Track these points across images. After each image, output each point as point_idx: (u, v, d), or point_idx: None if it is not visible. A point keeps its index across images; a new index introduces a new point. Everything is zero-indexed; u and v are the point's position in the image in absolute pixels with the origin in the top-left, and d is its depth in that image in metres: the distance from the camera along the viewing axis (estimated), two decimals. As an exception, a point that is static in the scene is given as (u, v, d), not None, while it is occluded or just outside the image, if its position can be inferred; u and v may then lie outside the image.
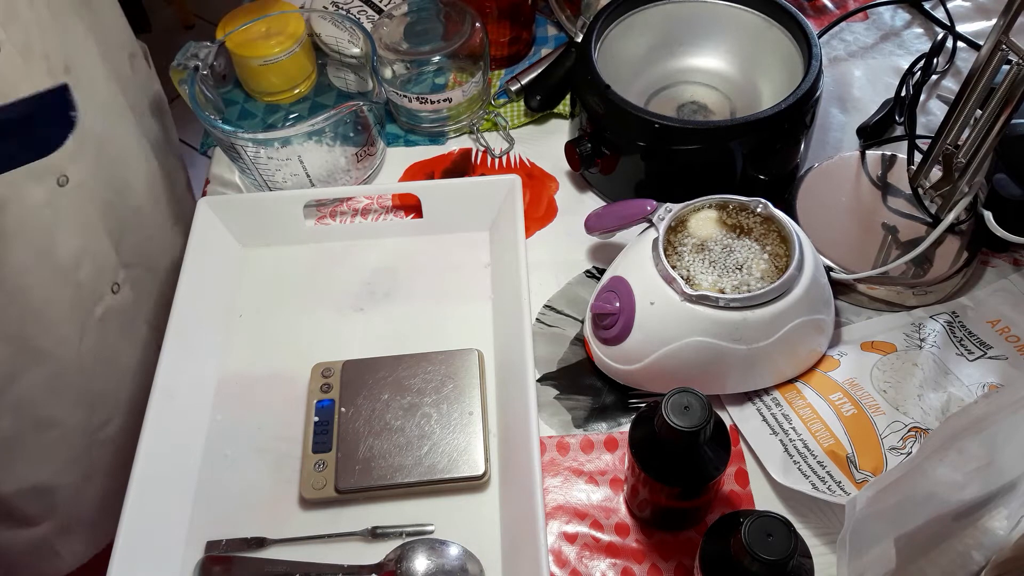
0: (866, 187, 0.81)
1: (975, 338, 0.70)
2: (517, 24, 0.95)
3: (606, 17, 0.83)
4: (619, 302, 0.67)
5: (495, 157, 0.90)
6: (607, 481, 0.67)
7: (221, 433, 0.71)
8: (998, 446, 0.53)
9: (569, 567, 0.63)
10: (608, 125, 0.78)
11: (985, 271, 0.77)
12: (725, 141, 0.75)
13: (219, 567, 0.63)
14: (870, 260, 0.75)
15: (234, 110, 0.92)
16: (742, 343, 0.64)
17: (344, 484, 0.66)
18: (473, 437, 0.67)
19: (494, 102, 0.94)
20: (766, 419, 0.67)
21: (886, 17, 1.02)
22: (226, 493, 0.68)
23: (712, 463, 0.57)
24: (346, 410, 0.70)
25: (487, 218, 0.82)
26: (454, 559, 0.63)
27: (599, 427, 0.70)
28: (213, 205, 0.81)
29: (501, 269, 0.79)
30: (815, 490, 0.62)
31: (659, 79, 0.89)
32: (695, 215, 0.68)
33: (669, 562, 0.63)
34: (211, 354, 0.75)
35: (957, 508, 0.54)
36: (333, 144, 0.83)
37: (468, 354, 0.72)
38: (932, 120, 0.90)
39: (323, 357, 0.73)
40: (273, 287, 0.80)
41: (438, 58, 0.87)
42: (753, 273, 0.65)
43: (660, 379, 0.68)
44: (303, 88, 0.93)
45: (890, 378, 0.67)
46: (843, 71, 0.96)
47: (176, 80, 0.81)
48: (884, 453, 0.62)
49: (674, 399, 0.54)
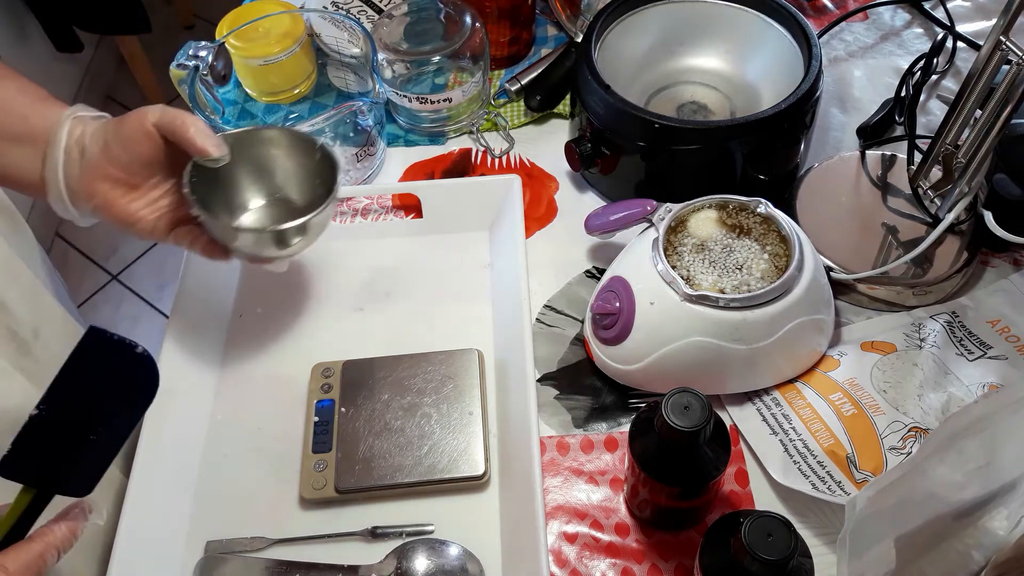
0: (866, 187, 0.81)
1: (975, 338, 0.70)
2: (517, 24, 0.95)
3: (606, 17, 0.83)
4: (619, 302, 0.67)
5: (495, 157, 0.90)
6: (607, 481, 0.67)
7: (221, 433, 0.71)
8: (998, 446, 0.53)
9: (569, 567, 0.63)
10: (608, 125, 0.78)
11: (985, 271, 0.77)
12: (725, 141, 0.75)
13: (219, 567, 0.63)
14: (870, 260, 0.75)
15: (234, 110, 0.92)
16: (742, 343, 0.64)
17: (344, 484, 0.66)
18: (473, 437, 0.67)
19: (494, 102, 0.94)
20: (766, 419, 0.67)
21: (886, 17, 1.02)
22: (226, 493, 0.68)
23: (712, 463, 0.57)
24: (346, 410, 0.70)
25: (487, 218, 0.82)
26: (454, 559, 0.63)
27: (599, 427, 0.70)
28: (213, 205, 0.81)
29: (501, 269, 0.79)
30: (815, 490, 0.61)
31: (659, 79, 0.89)
32: (695, 215, 0.68)
33: (669, 562, 0.63)
34: (211, 354, 0.75)
35: (957, 508, 0.54)
36: (333, 144, 0.83)
37: (468, 354, 0.72)
38: (932, 120, 0.90)
39: (323, 357, 0.73)
40: (273, 287, 0.80)
41: (438, 58, 0.87)
42: (753, 273, 0.65)
43: (660, 379, 0.68)
44: (303, 88, 0.93)
45: (890, 378, 0.67)
46: (843, 71, 0.96)
47: (176, 80, 0.81)
48: (884, 453, 0.62)
49: (674, 399, 0.54)
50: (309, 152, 0.69)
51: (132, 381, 0.47)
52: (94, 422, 0.45)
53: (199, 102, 0.79)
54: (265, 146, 0.70)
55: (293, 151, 0.70)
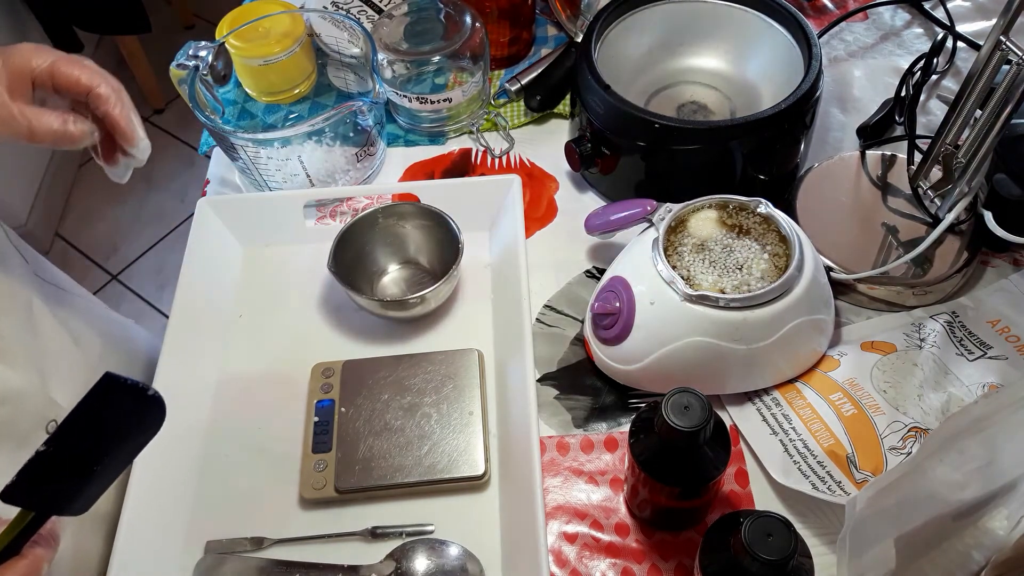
0: (866, 187, 0.81)
1: (975, 338, 0.70)
2: (517, 24, 0.95)
3: (606, 17, 0.83)
4: (619, 302, 0.67)
5: (495, 157, 0.90)
6: (607, 481, 0.67)
7: (221, 433, 0.71)
8: (998, 446, 0.53)
9: (569, 567, 0.63)
10: (608, 125, 0.78)
11: (985, 271, 0.77)
12: (725, 141, 0.75)
13: (219, 567, 0.63)
14: (870, 260, 0.75)
15: (234, 110, 0.92)
16: (742, 343, 0.64)
17: (344, 484, 0.66)
18: (473, 437, 0.67)
19: (494, 102, 0.94)
20: (766, 419, 0.67)
21: (886, 17, 1.02)
22: (226, 493, 0.68)
23: (712, 463, 0.57)
24: (346, 410, 0.70)
25: (487, 218, 0.82)
26: (454, 559, 0.63)
27: (599, 427, 0.70)
28: (213, 205, 0.81)
29: (501, 269, 0.79)
30: (815, 490, 0.61)
31: (659, 79, 0.89)
32: (695, 215, 0.68)
33: (669, 562, 0.63)
34: (211, 354, 0.75)
35: (957, 508, 0.54)
36: (333, 144, 0.83)
37: (468, 354, 0.72)
38: (932, 120, 0.90)
39: (323, 357, 0.73)
40: (273, 287, 0.80)
41: (438, 58, 0.87)
42: (753, 273, 0.65)
43: (660, 379, 0.68)
44: (303, 88, 0.93)
45: (890, 378, 0.67)
46: (843, 71, 0.96)
47: (176, 80, 0.81)
48: (884, 453, 0.62)
49: (674, 399, 0.54)
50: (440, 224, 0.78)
51: (140, 418, 0.48)
52: (99, 456, 0.46)
53: (199, 102, 0.79)
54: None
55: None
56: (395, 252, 0.81)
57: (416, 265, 0.81)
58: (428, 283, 0.77)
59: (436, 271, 0.79)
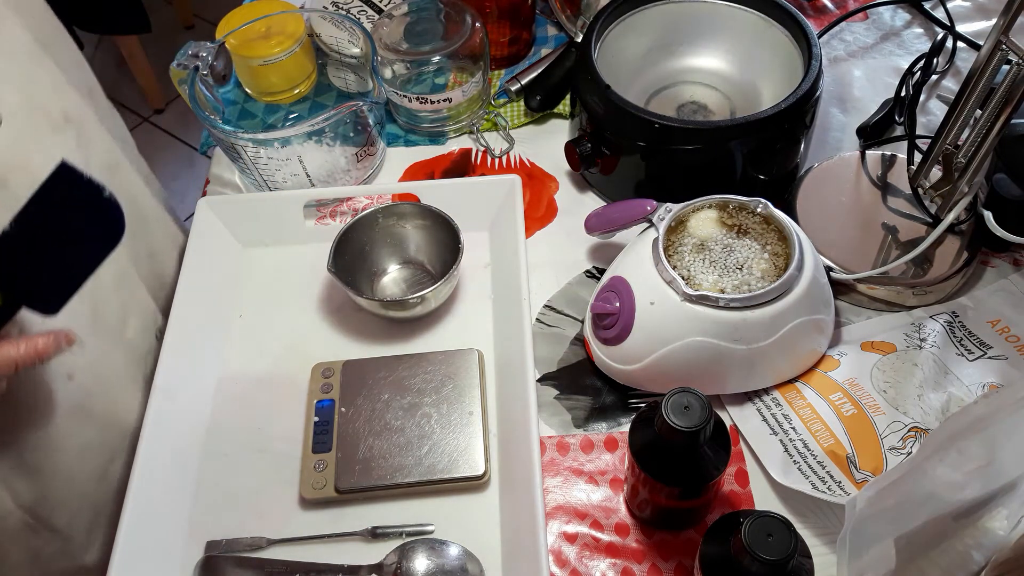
0: (866, 187, 0.81)
1: (975, 338, 0.70)
2: (517, 24, 0.95)
3: (606, 17, 0.83)
4: (619, 302, 0.67)
5: (495, 157, 0.90)
6: (607, 481, 0.67)
7: (221, 433, 0.71)
8: (998, 446, 0.53)
9: (569, 567, 0.63)
10: (608, 125, 0.78)
11: (985, 271, 0.77)
12: (725, 141, 0.75)
13: (219, 567, 0.63)
14: (870, 260, 0.75)
15: (234, 110, 0.92)
16: (742, 343, 0.64)
17: (344, 484, 0.66)
18: (473, 437, 0.67)
19: (494, 102, 0.94)
20: (766, 419, 0.67)
21: (886, 17, 1.02)
22: (226, 493, 0.68)
23: (712, 463, 0.57)
24: (346, 410, 0.70)
25: (487, 218, 0.82)
26: (454, 559, 0.63)
27: (599, 427, 0.70)
28: (213, 205, 0.81)
29: (501, 269, 0.79)
30: (815, 490, 0.62)
31: (659, 79, 0.89)
32: (695, 215, 0.68)
33: (669, 562, 0.63)
34: (211, 354, 0.75)
35: (957, 508, 0.54)
36: (333, 144, 0.83)
37: (468, 354, 0.72)
38: (932, 120, 0.90)
39: (323, 357, 0.73)
40: (273, 287, 0.80)
41: (438, 58, 0.87)
42: (753, 273, 0.65)
43: (660, 379, 0.68)
44: (303, 88, 0.93)
45: (890, 378, 0.67)
46: (843, 71, 0.96)
47: (176, 80, 0.81)
48: (884, 453, 0.62)
49: (674, 399, 0.54)
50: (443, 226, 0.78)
51: (99, 220, 0.51)
52: (60, 244, 0.49)
53: (199, 102, 0.79)
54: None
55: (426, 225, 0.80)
56: (395, 252, 0.81)
57: (416, 265, 0.81)
58: (428, 283, 0.77)
59: (436, 271, 0.79)
